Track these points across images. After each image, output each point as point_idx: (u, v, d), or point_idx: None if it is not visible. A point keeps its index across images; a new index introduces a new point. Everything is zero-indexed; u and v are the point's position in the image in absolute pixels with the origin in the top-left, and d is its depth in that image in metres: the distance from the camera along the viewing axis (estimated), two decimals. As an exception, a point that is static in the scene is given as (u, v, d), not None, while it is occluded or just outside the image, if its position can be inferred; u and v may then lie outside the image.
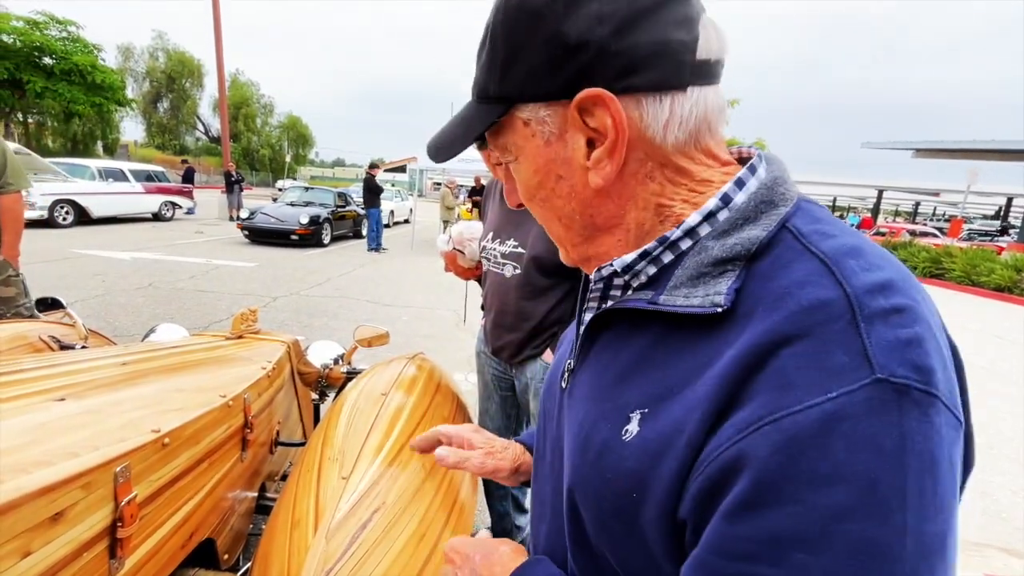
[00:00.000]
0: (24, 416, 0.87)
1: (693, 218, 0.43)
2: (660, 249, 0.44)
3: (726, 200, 0.42)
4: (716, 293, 0.39)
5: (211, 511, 1.19)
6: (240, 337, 1.89)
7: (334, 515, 1.02)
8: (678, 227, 0.44)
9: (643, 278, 0.46)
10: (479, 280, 1.69)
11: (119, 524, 0.84)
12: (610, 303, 0.49)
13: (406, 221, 17.54)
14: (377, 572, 0.96)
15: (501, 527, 1.94)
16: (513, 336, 1.53)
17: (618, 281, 0.49)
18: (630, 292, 0.48)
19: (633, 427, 0.41)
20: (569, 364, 0.55)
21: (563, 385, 0.55)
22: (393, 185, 24.89)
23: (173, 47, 38.23)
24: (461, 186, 14.62)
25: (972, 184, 15.17)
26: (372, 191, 10.96)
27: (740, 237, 0.40)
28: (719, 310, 0.37)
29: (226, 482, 1.27)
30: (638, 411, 0.41)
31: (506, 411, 1.77)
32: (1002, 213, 30.09)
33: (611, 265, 0.47)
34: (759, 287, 0.38)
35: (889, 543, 0.29)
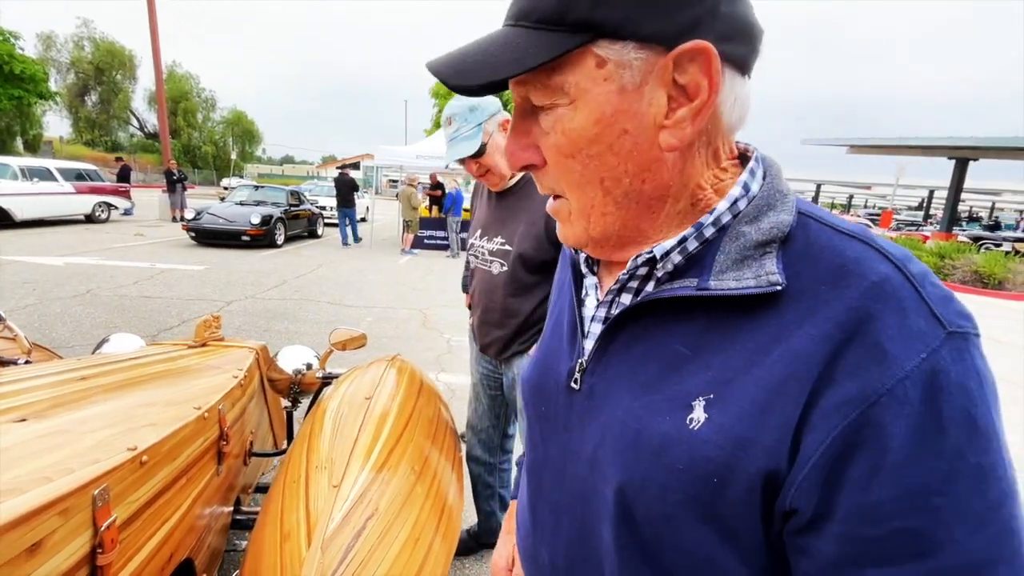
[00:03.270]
0: (-17, 441, 0.80)
1: (722, 205, 0.44)
2: (693, 235, 0.44)
3: (746, 189, 0.44)
4: (768, 273, 0.40)
5: (189, 530, 1.13)
6: (204, 345, 1.80)
7: (328, 525, 0.99)
8: (710, 213, 0.44)
9: (669, 266, 0.45)
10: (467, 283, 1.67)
11: (99, 551, 0.78)
12: (632, 296, 0.48)
13: (363, 220, 17.10)
14: (375, 580, 0.94)
15: (487, 526, 1.94)
16: (500, 332, 1.54)
17: (641, 271, 0.47)
18: (651, 283, 0.46)
19: (699, 414, 0.40)
20: (581, 363, 0.51)
21: (574, 386, 0.52)
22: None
23: (101, 36, 35.66)
24: (420, 183, 14.38)
25: (900, 178, 16.35)
26: (352, 188, 11.35)
27: (772, 221, 0.42)
28: (778, 288, 0.39)
29: (203, 498, 1.21)
30: (700, 398, 0.40)
31: (495, 411, 1.77)
32: (925, 204, 32.58)
33: (651, 252, 0.44)
34: (807, 266, 0.40)
35: (994, 463, 0.34)
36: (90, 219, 11.87)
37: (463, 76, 0.41)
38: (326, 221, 13.67)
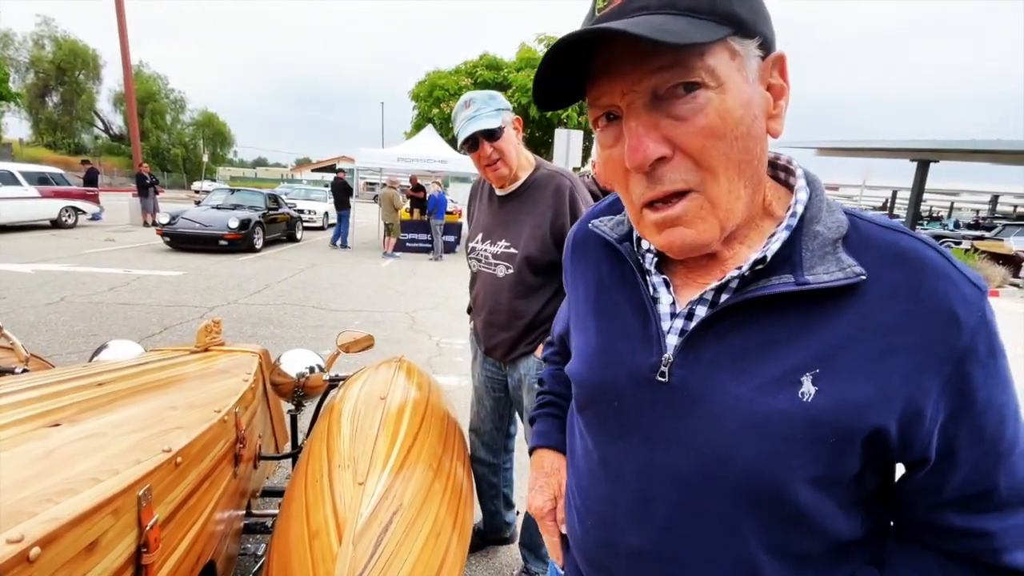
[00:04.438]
0: (25, 445, 0.81)
1: (799, 209, 0.51)
2: (787, 237, 0.50)
3: (806, 194, 0.52)
4: (849, 266, 0.47)
5: (212, 533, 1.14)
6: (206, 350, 1.79)
7: (357, 521, 1.01)
8: (792, 216, 0.50)
9: (758, 266, 0.49)
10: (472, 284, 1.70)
11: (144, 550, 0.80)
12: (714, 294, 0.52)
13: (341, 223, 16.92)
14: (404, 571, 0.97)
15: (492, 524, 1.98)
16: (507, 335, 1.57)
17: (734, 272, 0.50)
18: (735, 281, 0.50)
19: (808, 388, 0.46)
20: (667, 358, 0.53)
21: (660, 379, 0.54)
22: (327, 185, 23.88)
23: (63, 35, 34.37)
24: (401, 186, 14.31)
25: (866, 180, 17.01)
26: (347, 192, 11.48)
27: (835, 220, 0.50)
28: (863, 277, 0.46)
29: (223, 501, 1.22)
30: (807, 373, 0.46)
31: (499, 413, 1.80)
32: (888, 205, 33.83)
33: (763, 254, 0.49)
34: (869, 256, 0.48)
35: (1010, 373, 0.48)
36: (56, 224, 11.44)
37: (662, 33, 0.40)
38: (305, 225, 13.49)
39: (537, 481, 0.80)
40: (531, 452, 0.86)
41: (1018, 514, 0.48)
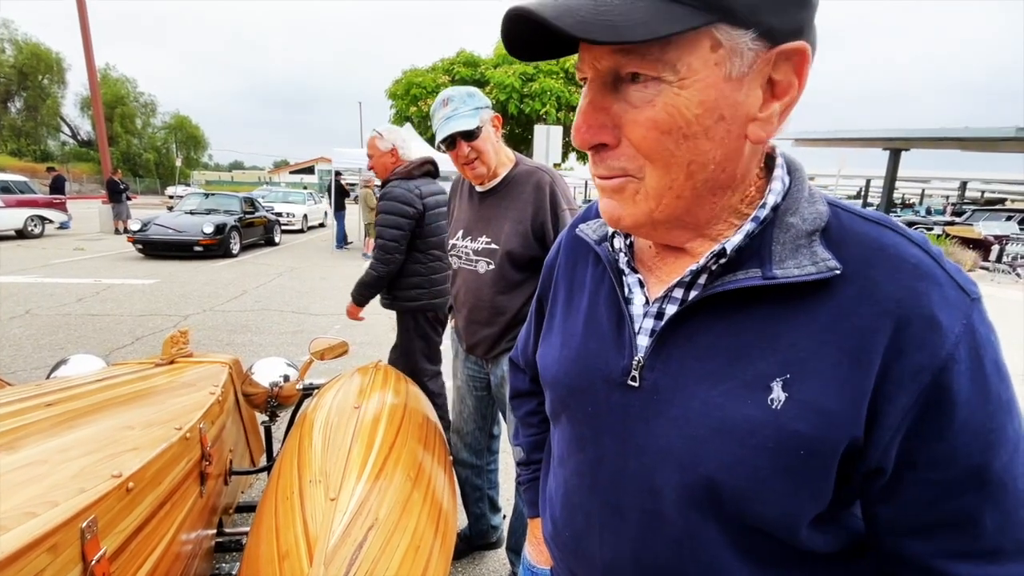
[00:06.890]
0: (-48, 478, 0.74)
1: (771, 199, 0.47)
2: (755, 229, 0.46)
3: (783, 183, 0.48)
4: (824, 260, 0.43)
5: (176, 557, 1.08)
6: (172, 362, 1.71)
7: (329, 540, 0.96)
8: (762, 207, 0.46)
9: (723, 260, 0.46)
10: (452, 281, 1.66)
11: (90, 586, 0.73)
12: (683, 291, 0.49)
13: (321, 225, 16.65)
14: (380, 591, 0.92)
15: (478, 529, 1.93)
16: (489, 331, 1.54)
17: (694, 267, 0.48)
18: (704, 276, 0.48)
19: (778, 394, 0.43)
20: (638, 361, 0.51)
21: (632, 383, 0.51)
22: (305, 187, 23.53)
23: (23, 37, 33.20)
24: (378, 186, 14.10)
25: (841, 169, 17.34)
26: (341, 194, 11.55)
27: (813, 212, 0.46)
28: (837, 272, 0.42)
29: (188, 523, 1.16)
30: (777, 379, 0.43)
31: (481, 412, 1.76)
32: (863, 193, 34.61)
33: (722, 246, 0.46)
34: (849, 251, 0.44)
35: (1013, 396, 0.42)
36: (22, 234, 11.05)
37: (586, 28, 0.36)
38: (283, 228, 13.24)
39: (539, 546, 0.82)
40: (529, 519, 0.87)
41: (1004, 566, 0.41)
